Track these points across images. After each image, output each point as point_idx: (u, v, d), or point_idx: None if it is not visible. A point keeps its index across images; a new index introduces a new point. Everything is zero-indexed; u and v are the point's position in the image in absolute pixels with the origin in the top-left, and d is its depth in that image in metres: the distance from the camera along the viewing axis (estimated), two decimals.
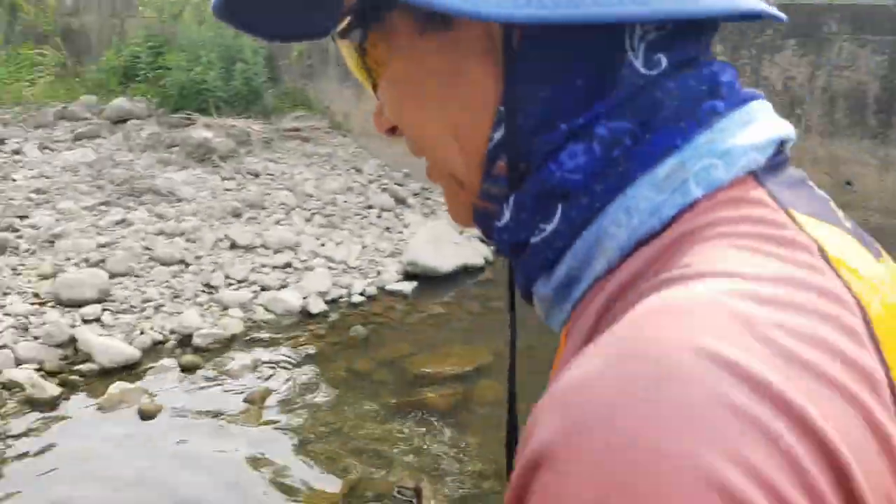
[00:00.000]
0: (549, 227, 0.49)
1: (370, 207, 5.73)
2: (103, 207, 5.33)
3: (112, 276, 4.39)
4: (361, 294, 4.60)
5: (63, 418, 3.39)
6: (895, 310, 0.42)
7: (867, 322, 0.39)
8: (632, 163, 0.46)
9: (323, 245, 5.05)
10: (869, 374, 0.37)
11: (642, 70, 0.47)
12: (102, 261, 4.56)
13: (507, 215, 0.51)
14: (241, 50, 7.01)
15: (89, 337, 3.85)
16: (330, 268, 4.80)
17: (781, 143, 0.49)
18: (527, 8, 0.43)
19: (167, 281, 4.47)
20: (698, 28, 0.49)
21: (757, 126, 0.48)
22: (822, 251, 0.42)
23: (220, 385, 3.73)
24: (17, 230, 4.90)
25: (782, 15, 0.50)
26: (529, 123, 0.49)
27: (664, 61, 0.47)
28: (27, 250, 4.66)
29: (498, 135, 0.50)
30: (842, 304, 0.39)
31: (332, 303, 4.49)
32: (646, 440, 0.33)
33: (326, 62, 7.07)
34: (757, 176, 0.46)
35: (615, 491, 0.32)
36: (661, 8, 0.43)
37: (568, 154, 0.47)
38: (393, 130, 0.57)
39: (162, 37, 7.93)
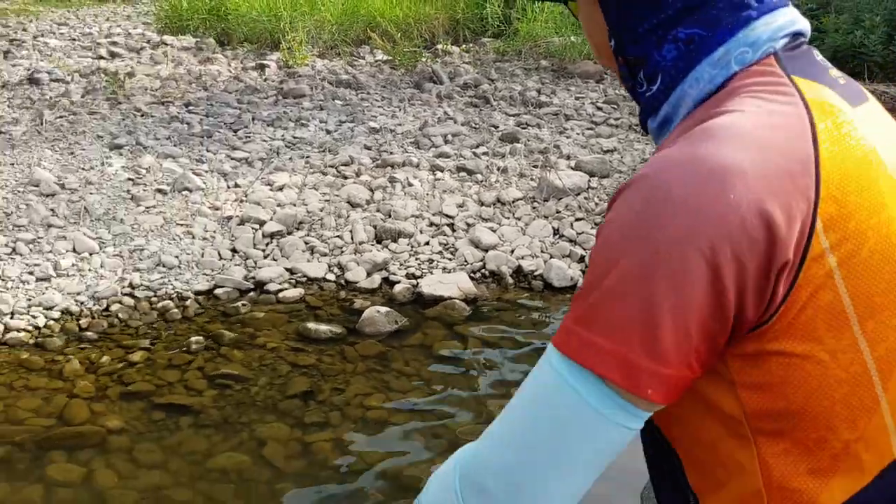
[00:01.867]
0: (654, 88, 0.81)
1: None
2: None
3: None
4: None
5: None
6: (838, 127, 0.71)
7: (812, 127, 0.70)
8: (698, 53, 0.77)
9: None
10: (803, 162, 0.68)
11: None
12: None
13: (644, 85, 0.82)
14: None
15: None
16: None
17: (796, 34, 0.78)
18: None
19: None
20: None
21: (776, 25, 0.76)
22: (800, 93, 0.73)
23: None
24: None
25: None
26: (628, 39, 0.81)
27: None
28: None
29: (612, 43, 0.83)
30: (800, 119, 0.70)
31: None
32: (680, 189, 0.66)
33: None
34: (776, 54, 0.76)
35: (663, 201, 0.66)
36: None
37: (666, 49, 0.78)
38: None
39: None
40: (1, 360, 3.35)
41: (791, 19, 0.78)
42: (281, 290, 3.93)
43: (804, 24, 0.80)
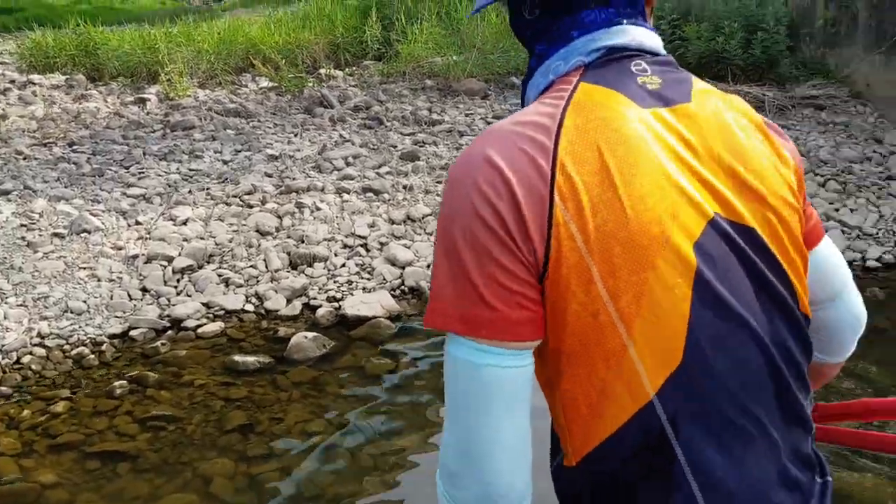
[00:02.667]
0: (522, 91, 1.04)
1: (890, 178, 5.43)
2: None
3: None
4: (877, 260, 4.54)
5: None
6: (592, 121, 0.87)
7: (560, 123, 0.86)
8: (539, 63, 0.97)
9: (837, 210, 5.03)
10: (544, 146, 0.85)
11: (532, 18, 0.98)
12: None
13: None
14: (763, 19, 7.02)
15: None
16: (843, 232, 4.77)
17: (611, 48, 0.93)
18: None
19: None
20: None
21: (592, 43, 0.93)
22: (570, 95, 0.89)
23: None
24: None
25: None
26: (527, 46, 1.02)
27: (544, 14, 0.96)
28: None
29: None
30: (552, 118, 0.87)
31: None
32: (456, 173, 0.88)
33: (854, 28, 6.92)
34: (586, 66, 0.93)
35: (449, 188, 0.88)
36: None
37: (532, 62, 0.99)
38: None
39: (682, 9, 7.75)
40: None
41: (608, 37, 0.94)
42: (199, 326, 3.88)
43: (631, 39, 0.94)
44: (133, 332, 3.82)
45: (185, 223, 4.75)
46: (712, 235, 0.85)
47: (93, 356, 3.64)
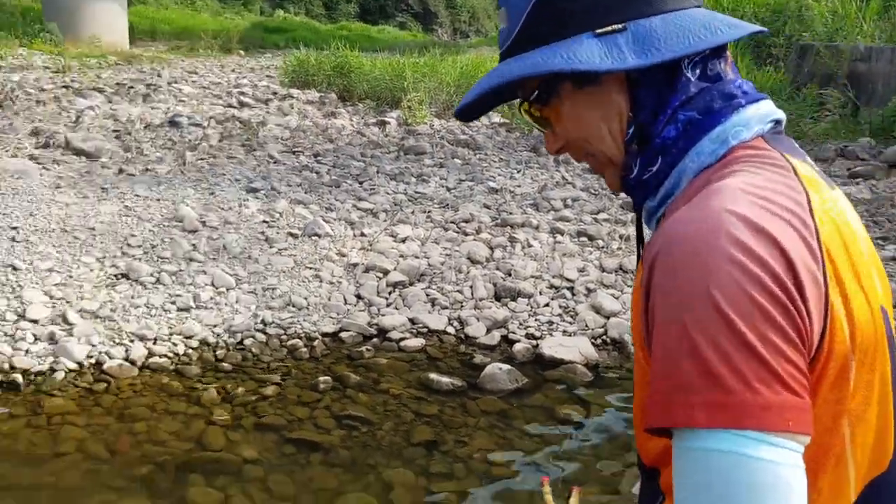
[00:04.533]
0: (654, 168, 0.89)
1: None
2: (880, 242, 5.15)
3: None
4: None
5: None
6: (825, 202, 0.80)
7: (809, 203, 0.77)
8: (697, 132, 0.86)
9: None
10: (807, 224, 0.75)
11: (694, 80, 0.88)
12: None
13: (635, 170, 0.91)
14: None
15: None
16: None
17: (777, 122, 0.89)
18: (641, 59, 0.84)
19: None
20: (717, 52, 0.89)
21: (763, 112, 0.87)
22: (794, 170, 0.82)
23: None
24: None
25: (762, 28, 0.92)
26: (645, 119, 0.89)
27: (703, 76, 0.88)
28: None
29: (631, 130, 0.90)
30: (798, 192, 0.78)
31: None
32: (691, 241, 0.72)
33: None
34: (764, 136, 0.86)
35: (683, 265, 0.71)
36: (701, 45, 0.84)
37: (666, 132, 0.87)
38: (560, 150, 0.97)
39: None
40: (143, 382, 3.56)
41: (773, 108, 0.90)
42: (403, 339, 4.04)
43: (782, 114, 0.91)
44: (343, 334, 4.06)
45: (403, 241, 4.99)
46: (888, 324, 0.82)
47: (305, 349, 3.91)
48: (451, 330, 4.15)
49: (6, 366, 3.51)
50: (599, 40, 0.86)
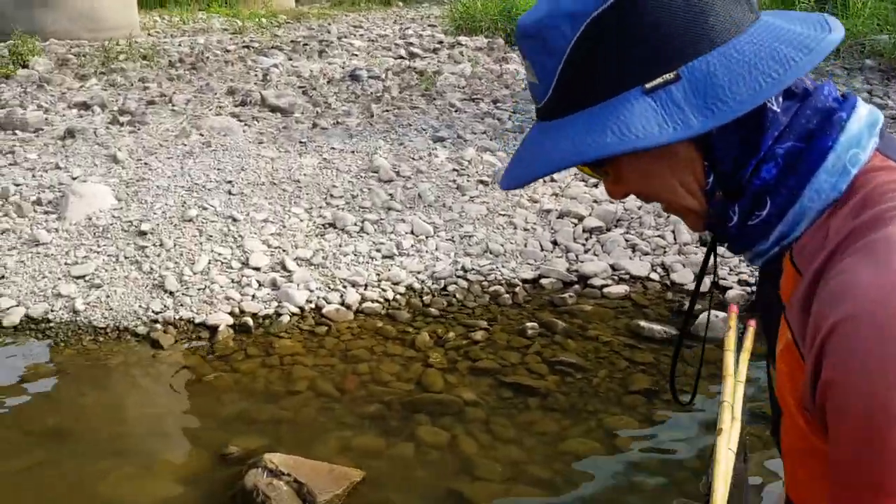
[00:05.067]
0: (764, 213, 0.79)
1: None
2: None
3: None
4: None
5: None
6: None
7: None
8: (806, 164, 0.76)
9: None
10: None
11: (781, 109, 0.78)
12: None
13: (735, 218, 0.81)
14: None
15: None
16: None
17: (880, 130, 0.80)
18: (708, 119, 0.72)
19: None
20: None
21: (867, 121, 0.77)
22: None
23: None
24: None
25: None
26: (727, 168, 0.79)
27: (788, 96, 0.78)
28: None
29: (710, 179, 0.81)
30: None
31: None
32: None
33: None
34: (879, 149, 0.77)
35: (882, 338, 0.62)
36: (774, 88, 0.72)
37: (765, 171, 0.78)
38: (625, 195, 0.88)
39: None
40: (360, 325, 3.72)
41: (871, 111, 0.80)
42: (605, 286, 3.97)
43: (879, 113, 0.81)
44: (543, 281, 4.05)
45: (595, 186, 4.88)
46: None
47: (507, 296, 3.94)
48: (654, 276, 4.03)
49: (237, 310, 3.78)
50: (652, 99, 0.74)
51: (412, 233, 4.43)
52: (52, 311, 3.77)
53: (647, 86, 0.74)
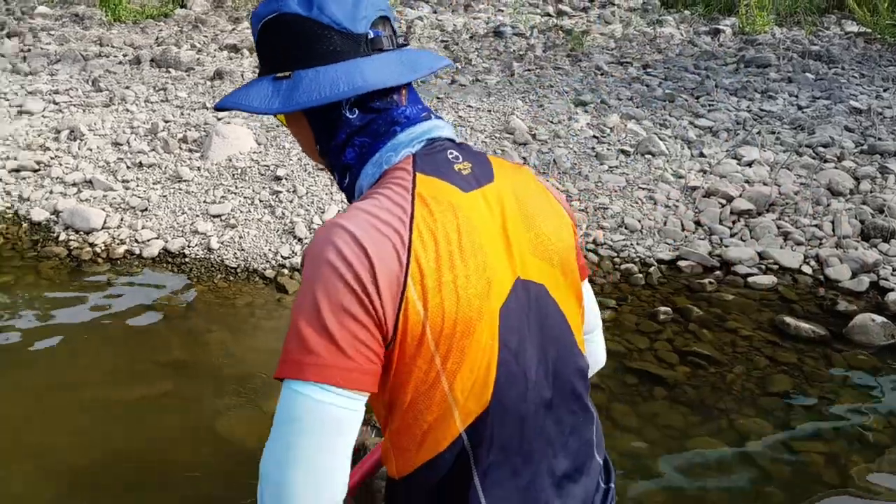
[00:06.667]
0: (346, 182, 1.15)
1: None
2: None
3: None
4: None
5: None
6: (432, 215, 1.02)
7: (412, 220, 1.01)
8: (367, 155, 1.11)
9: None
10: (402, 238, 0.99)
11: (357, 116, 1.10)
12: None
13: (336, 178, 1.17)
14: None
15: None
16: None
17: (432, 139, 1.11)
18: (286, 107, 1.07)
19: None
20: (380, 91, 1.10)
21: (414, 134, 1.10)
22: (413, 187, 1.04)
23: None
24: None
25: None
26: (324, 144, 1.14)
27: (367, 110, 1.10)
28: None
29: (318, 148, 1.16)
30: (404, 212, 1.01)
31: None
32: (313, 248, 1.00)
33: None
34: (415, 155, 1.08)
35: (307, 261, 1.00)
36: (347, 90, 1.05)
37: (346, 154, 1.12)
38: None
39: None
40: None
41: (427, 129, 1.11)
42: (750, 275, 3.67)
43: (442, 132, 1.12)
44: (681, 263, 3.79)
45: (749, 165, 4.52)
46: (515, 295, 1.07)
47: (640, 275, 3.72)
48: (807, 269, 3.69)
49: None
50: (274, 84, 1.10)
51: None
52: (188, 246, 3.89)
53: (277, 75, 1.10)
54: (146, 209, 4.16)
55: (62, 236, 4.00)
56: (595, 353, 1.38)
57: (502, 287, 1.04)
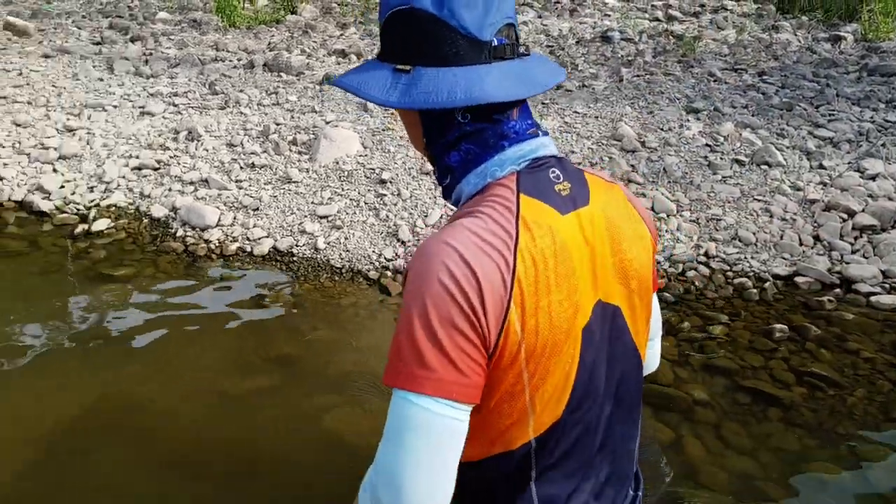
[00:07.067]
0: (446, 182, 1.18)
1: None
2: None
3: None
4: None
5: None
6: (534, 240, 1.05)
7: (516, 243, 1.04)
8: (472, 163, 1.13)
9: None
10: (507, 260, 1.02)
11: (469, 122, 1.12)
12: None
13: (436, 176, 1.21)
14: None
15: None
16: None
17: (537, 158, 1.13)
18: (403, 104, 1.08)
19: None
20: (498, 104, 1.11)
21: (521, 152, 1.12)
22: (518, 210, 1.07)
23: None
24: None
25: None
26: (432, 140, 1.16)
27: (479, 118, 1.11)
28: None
29: (425, 141, 1.18)
30: (509, 235, 1.04)
31: None
32: (421, 265, 1.03)
33: None
34: (519, 173, 1.11)
35: (415, 277, 1.03)
36: (463, 98, 1.05)
37: (451, 156, 1.15)
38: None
39: None
40: None
41: (534, 148, 1.14)
42: (873, 294, 3.46)
43: (547, 150, 1.15)
44: (798, 279, 3.61)
45: (873, 178, 4.28)
46: (595, 316, 1.13)
47: (754, 290, 3.57)
48: None
49: None
50: (393, 75, 1.11)
51: (652, 209, 4.15)
52: (296, 245, 3.99)
53: (398, 67, 1.10)
54: (258, 208, 4.29)
55: (179, 232, 4.18)
56: (650, 358, 1.45)
57: (586, 309, 1.10)
